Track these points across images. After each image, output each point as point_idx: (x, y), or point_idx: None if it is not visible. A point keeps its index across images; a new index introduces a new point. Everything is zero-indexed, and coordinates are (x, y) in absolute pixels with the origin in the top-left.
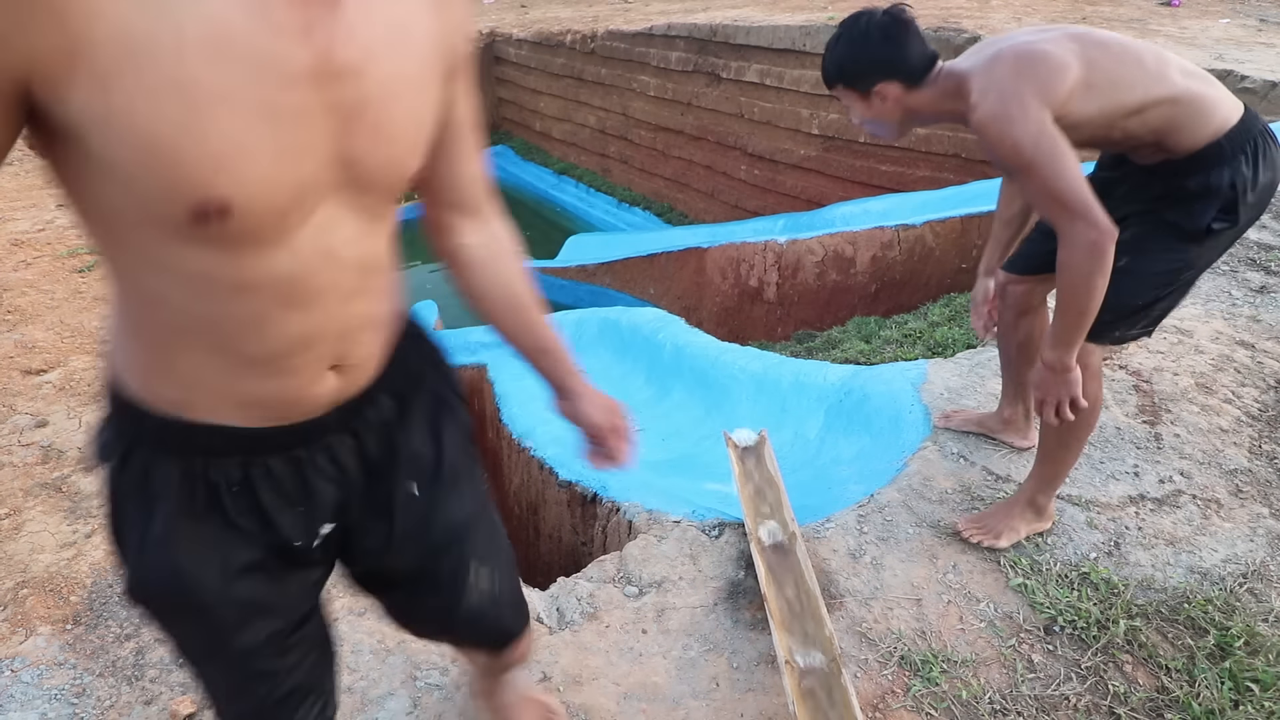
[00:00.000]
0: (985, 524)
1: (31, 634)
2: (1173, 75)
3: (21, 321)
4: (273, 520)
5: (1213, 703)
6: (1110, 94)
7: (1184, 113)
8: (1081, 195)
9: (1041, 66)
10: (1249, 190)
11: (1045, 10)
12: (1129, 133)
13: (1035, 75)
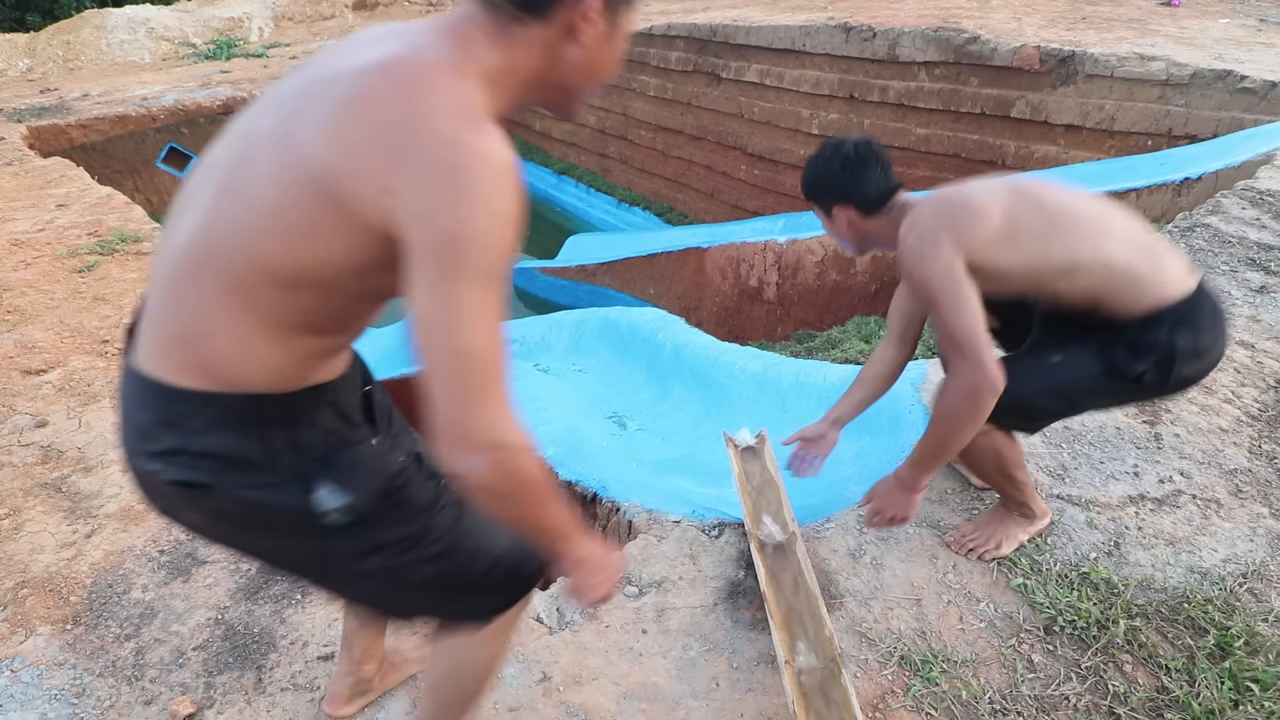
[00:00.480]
0: (979, 534)
1: (31, 634)
2: (1110, 245)
3: (21, 321)
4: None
5: (1213, 703)
6: (1033, 249)
7: (1118, 285)
8: (973, 338)
9: (961, 212)
10: (1183, 361)
11: (1045, 10)
12: (1059, 294)
13: (953, 219)
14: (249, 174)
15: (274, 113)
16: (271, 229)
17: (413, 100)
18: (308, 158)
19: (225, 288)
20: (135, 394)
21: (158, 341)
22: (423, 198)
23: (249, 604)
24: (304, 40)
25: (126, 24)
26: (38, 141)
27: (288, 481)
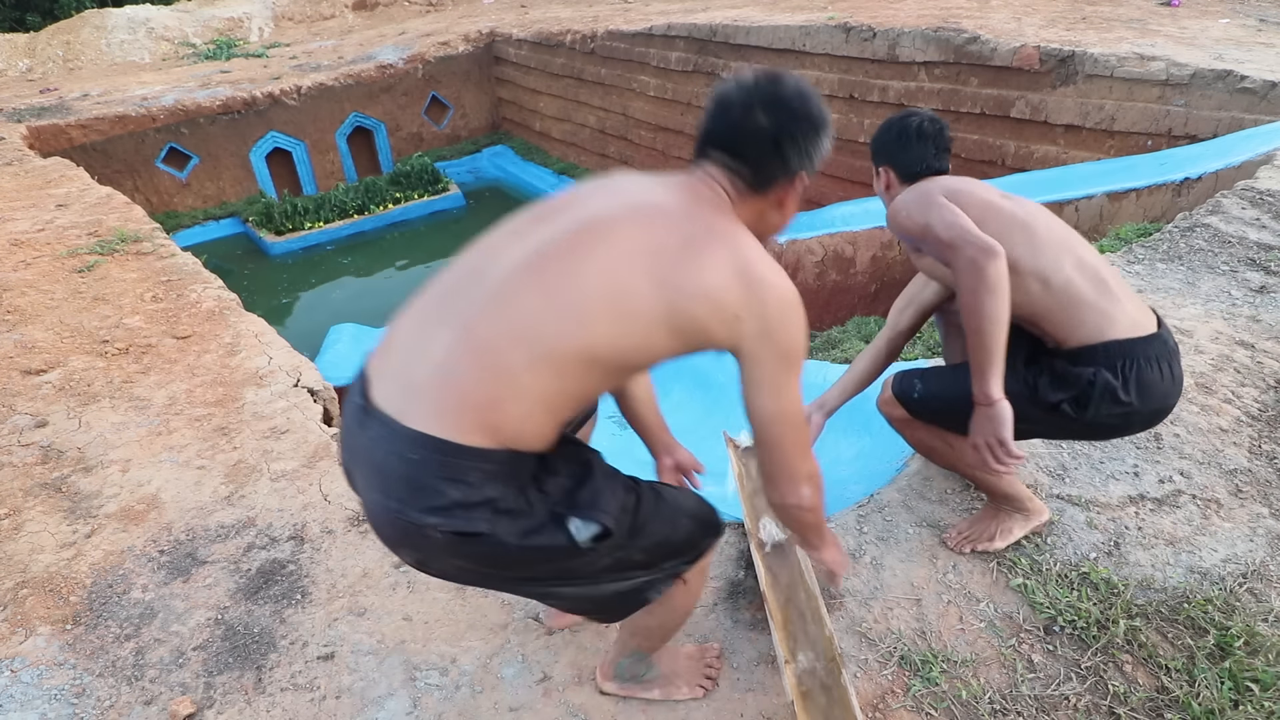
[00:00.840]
0: (974, 529)
1: (31, 634)
2: (1062, 261)
3: (21, 321)
4: None
5: (1212, 703)
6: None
7: (1056, 303)
8: (958, 226)
9: (951, 185)
10: (1106, 399)
11: (1045, 10)
12: None
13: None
14: (582, 286)
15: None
16: (613, 323)
17: (747, 256)
18: (672, 285)
19: (536, 360)
20: (402, 449)
21: (443, 402)
22: (766, 324)
23: (249, 604)
24: (304, 40)
25: (126, 24)
26: (38, 141)
27: (546, 523)
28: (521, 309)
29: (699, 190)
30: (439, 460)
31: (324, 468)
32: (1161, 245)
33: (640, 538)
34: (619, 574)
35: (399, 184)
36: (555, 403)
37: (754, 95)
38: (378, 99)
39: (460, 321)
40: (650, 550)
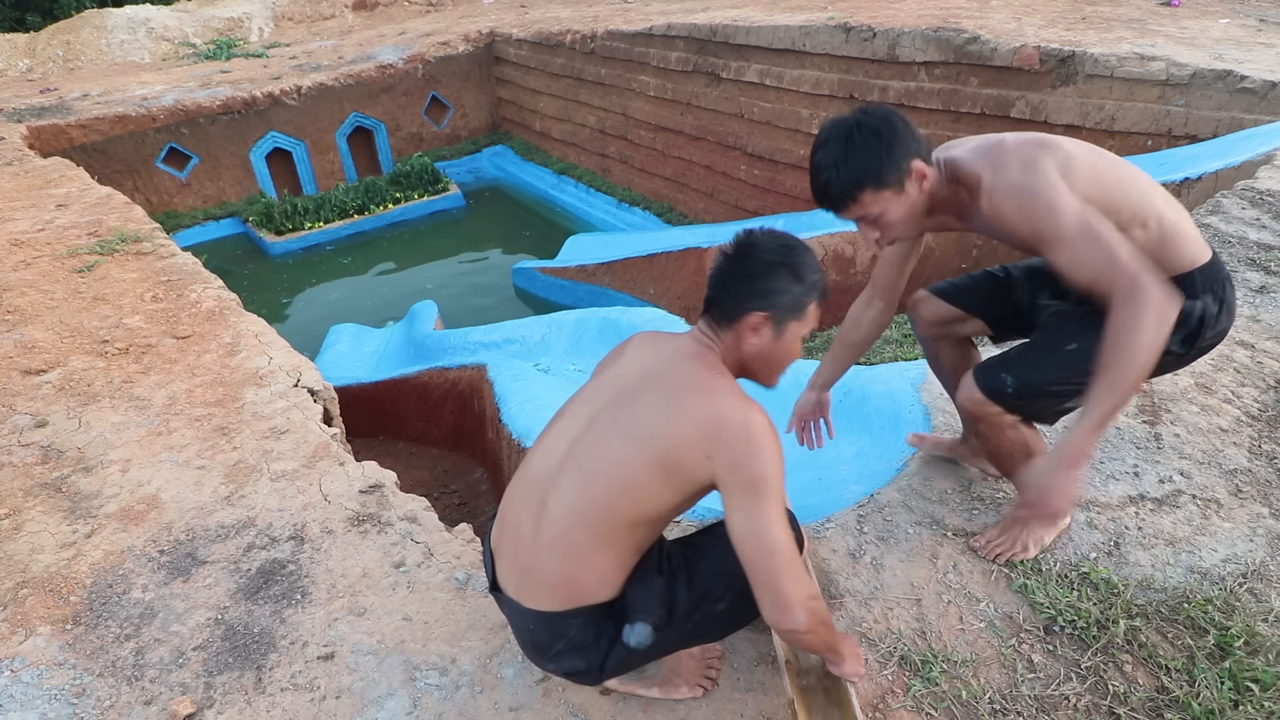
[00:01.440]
0: (1005, 538)
1: (31, 634)
2: (1158, 201)
3: (21, 321)
4: None
5: (1212, 703)
6: (1115, 193)
7: (1161, 239)
8: (1134, 262)
9: (1051, 146)
10: (1208, 328)
11: (1045, 10)
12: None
13: (1049, 151)
14: (602, 457)
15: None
16: (626, 493)
17: (712, 400)
18: (654, 442)
19: (596, 538)
20: (525, 623)
21: (542, 584)
22: (731, 457)
23: (249, 604)
24: (304, 40)
25: (126, 24)
26: (38, 141)
27: (609, 647)
28: (572, 496)
29: (687, 347)
30: (547, 626)
31: (324, 468)
32: None
33: (712, 598)
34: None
35: (399, 184)
36: (622, 563)
37: (732, 247)
38: (378, 99)
39: (541, 508)
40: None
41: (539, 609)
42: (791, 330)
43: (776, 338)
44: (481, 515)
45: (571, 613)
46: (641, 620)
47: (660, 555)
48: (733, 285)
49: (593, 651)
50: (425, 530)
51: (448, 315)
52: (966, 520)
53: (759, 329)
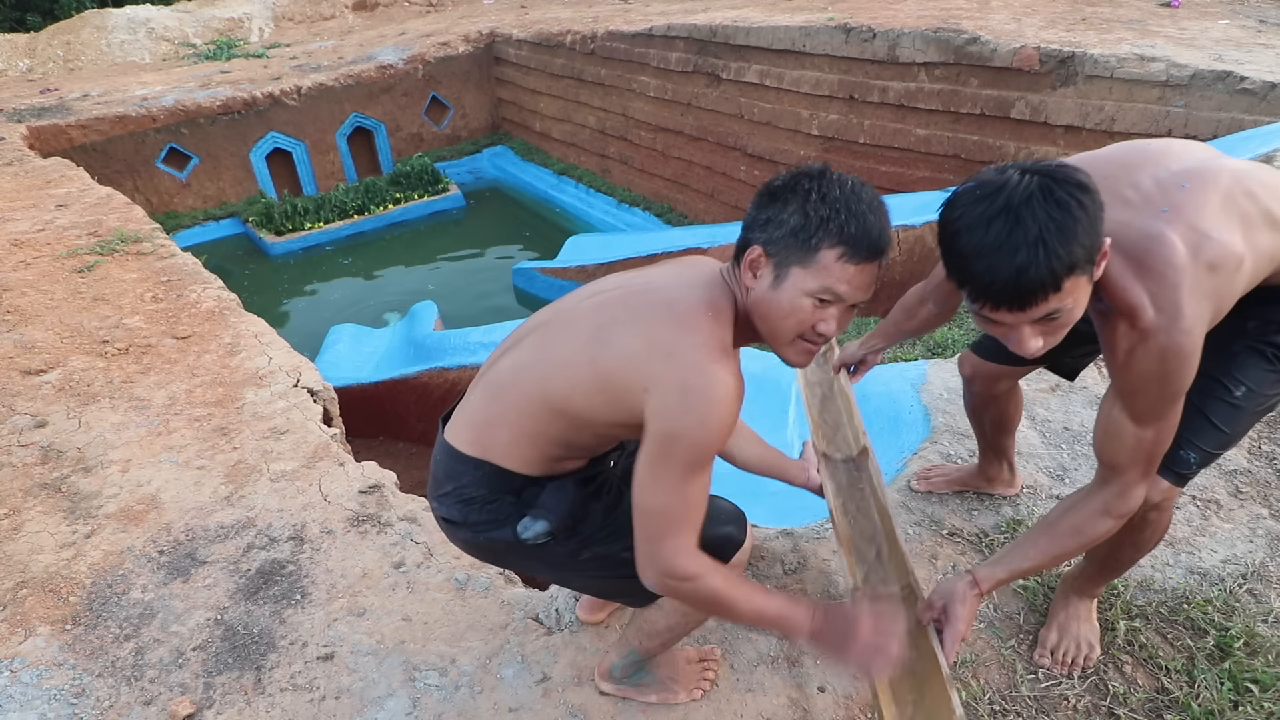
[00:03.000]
0: (1065, 642)
1: (31, 634)
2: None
3: (21, 321)
4: None
5: (1212, 703)
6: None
7: None
8: (1160, 456)
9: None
10: None
11: (1045, 11)
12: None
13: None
14: (563, 338)
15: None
16: (565, 378)
17: (679, 338)
18: (609, 349)
19: (521, 403)
20: (438, 454)
21: (464, 422)
22: (661, 403)
23: (248, 604)
24: (304, 40)
25: (126, 24)
26: (38, 142)
27: (504, 521)
28: (523, 359)
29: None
30: (449, 462)
31: (323, 468)
32: None
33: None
34: (609, 571)
35: (399, 184)
36: (537, 443)
37: None
38: (378, 99)
39: (497, 359)
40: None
41: (452, 443)
42: (795, 279)
43: (776, 284)
44: None
45: (475, 462)
46: (542, 518)
47: (597, 480)
48: (745, 218)
49: (477, 513)
50: (425, 530)
51: (448, 315)
52: (965, 521)
53: (757, 267)
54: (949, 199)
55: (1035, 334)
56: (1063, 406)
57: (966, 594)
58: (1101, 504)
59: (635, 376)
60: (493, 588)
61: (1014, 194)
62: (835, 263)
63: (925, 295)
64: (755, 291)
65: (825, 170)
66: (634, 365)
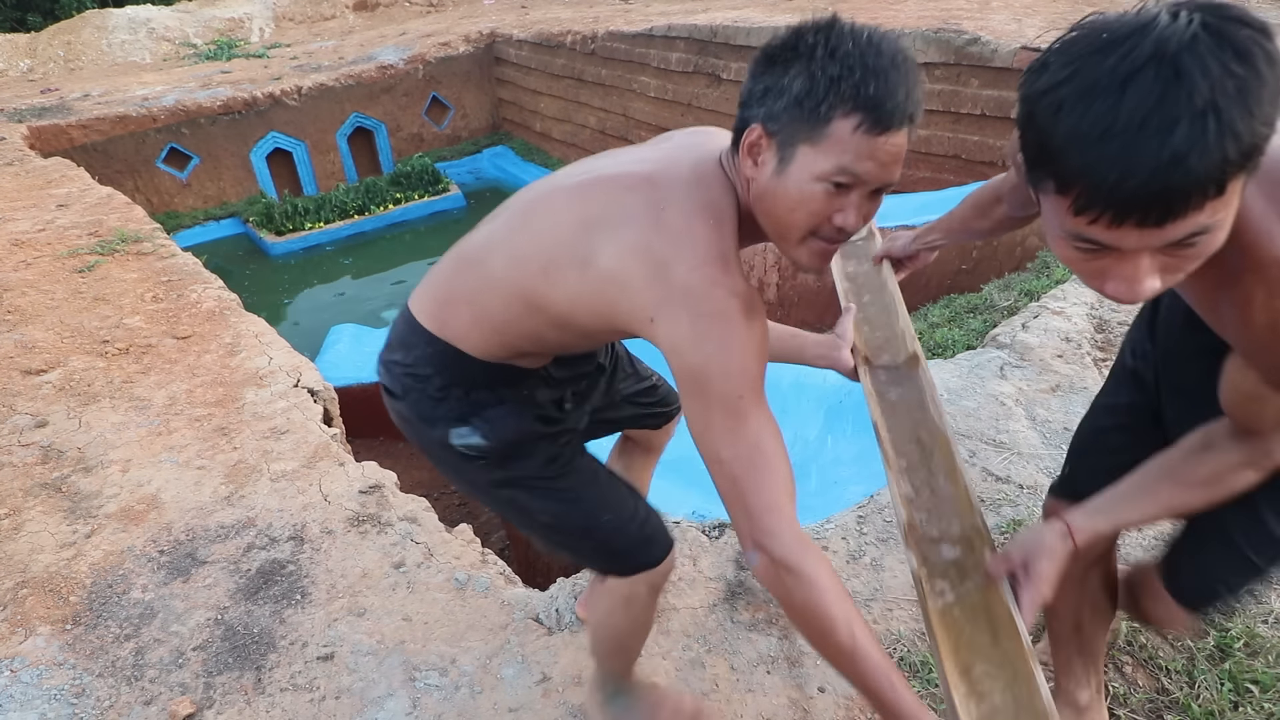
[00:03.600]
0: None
1: (31, 634)
2: None
3: (21, 321)
4: None
5: (1212, 704)
6: None
7: None
8: None
9: None
10: None
11: (1046, 12)
12: None
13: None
14: (545, 224)
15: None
16: (542, 278)
17: (676, 245)
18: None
19: (488, 283)
20: (397, 319)
21: (427, 294)
22: (674, 335)
23: (249, 604)
24: (304, 40)
25: (127, 24)
26: (38, 141)
27: (444, 418)
28: (494, 240)
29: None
30: (404, 329)
31: (324, 468)
32: None
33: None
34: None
35: (399, 184)
36: (499, 327)
37: None
38: (378, 99)
39: (466, 244)
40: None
41: (413, 310)
42: (802, 160)
43: (780, 169)
44: (481, 515)
45: (430, 337)
46: (480, 433)
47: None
48: (741, 93)
49: (418, 395)
50: (425, 530)
51: None
52: None
53: (757, 151)
54: (1041, 59)
55: (1155, 268)
56: (1063, 407)
57: (1057, 547)
58: (1245, 456)
59: (636, 301)
60: (493, 588)
61: (1166, 38)
62: (852, 135)
63: (1000, 192)
64: (758, 182)
65: (834, 20)
66: (632, 286)
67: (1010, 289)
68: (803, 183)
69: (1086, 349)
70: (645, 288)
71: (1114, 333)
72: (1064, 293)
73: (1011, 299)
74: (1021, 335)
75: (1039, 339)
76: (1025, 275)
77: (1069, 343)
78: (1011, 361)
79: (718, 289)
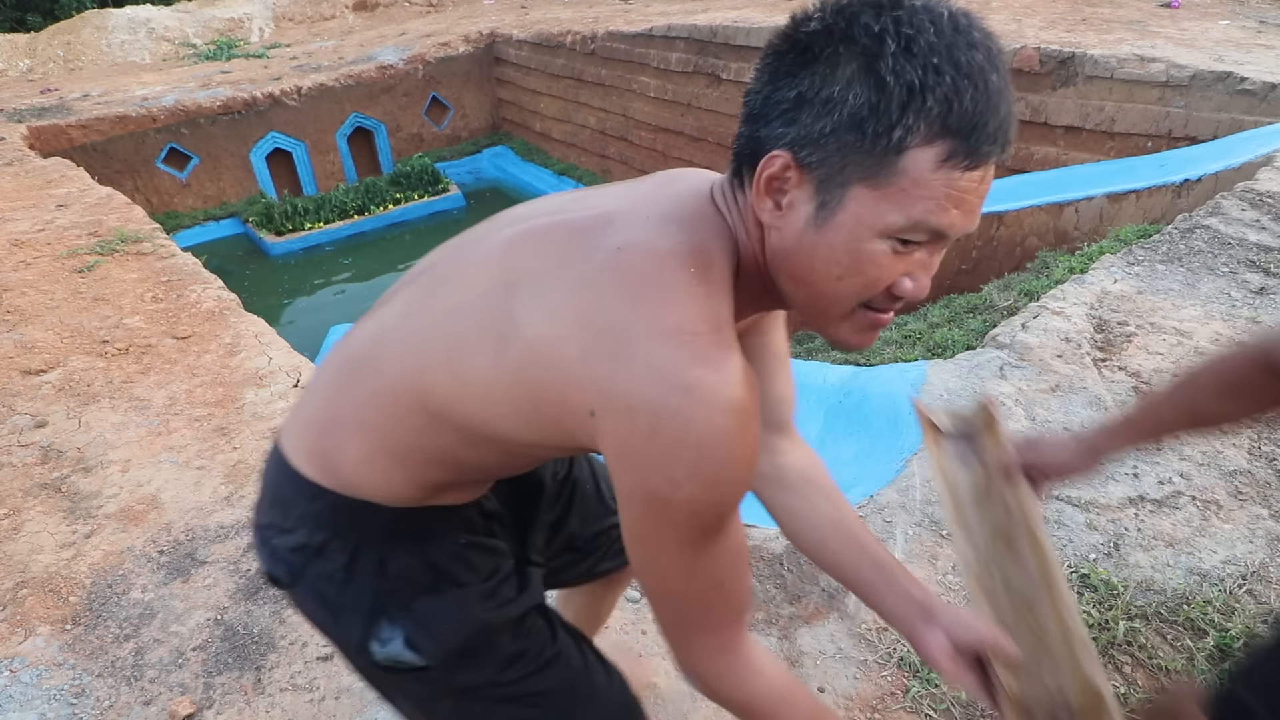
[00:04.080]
0: None
1: (30, 634)
2: None
3: (21, 321)
4: None
5: None
6: None
7: None
8: None
9: None
10: None
11: (1045, 12)
12: None
13: None
14: (451, 296)
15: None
16: (448, 372)
17: (636, 301)
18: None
19: (378, 394)
20: (268, 463)
21: (302, 420)
22: (622, 439)
23: (248, 604)
24: (304, 41)
25: (127, 24)
26: (38, 142)
27: (355, 609)
28: (384, 331)
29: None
30: (275, 477)
31: None
32: (1161, 247)
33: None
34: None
35: (399, 185)
36: (400, 453)
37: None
38: (378, 99)
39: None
40: None
41: (285, 448)
42: (859, 204)
43: (822, 217)
44: None
45: (311, 488)
46: (406, 636)
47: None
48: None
49: (309, 574)
50: None
51: None
52: None
53: (782, 189)
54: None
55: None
56: (1062, 407)
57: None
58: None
59: (571, 386)
60: None
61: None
62: (936, 171)
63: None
64: (782, 233)
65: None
66: (565, 363)
67: (1010, 289)
68: (858, 239)
69: (1086, 349)
70: (584, 365)
71: (1114, 333)
72: (1064, 293)
73: (1011, 299)
74: (1021, 335)
75: (1039, 339)
76: (1025, 275)
77: (1069, 343)
78: (1011, 362)
79: (696, 375)
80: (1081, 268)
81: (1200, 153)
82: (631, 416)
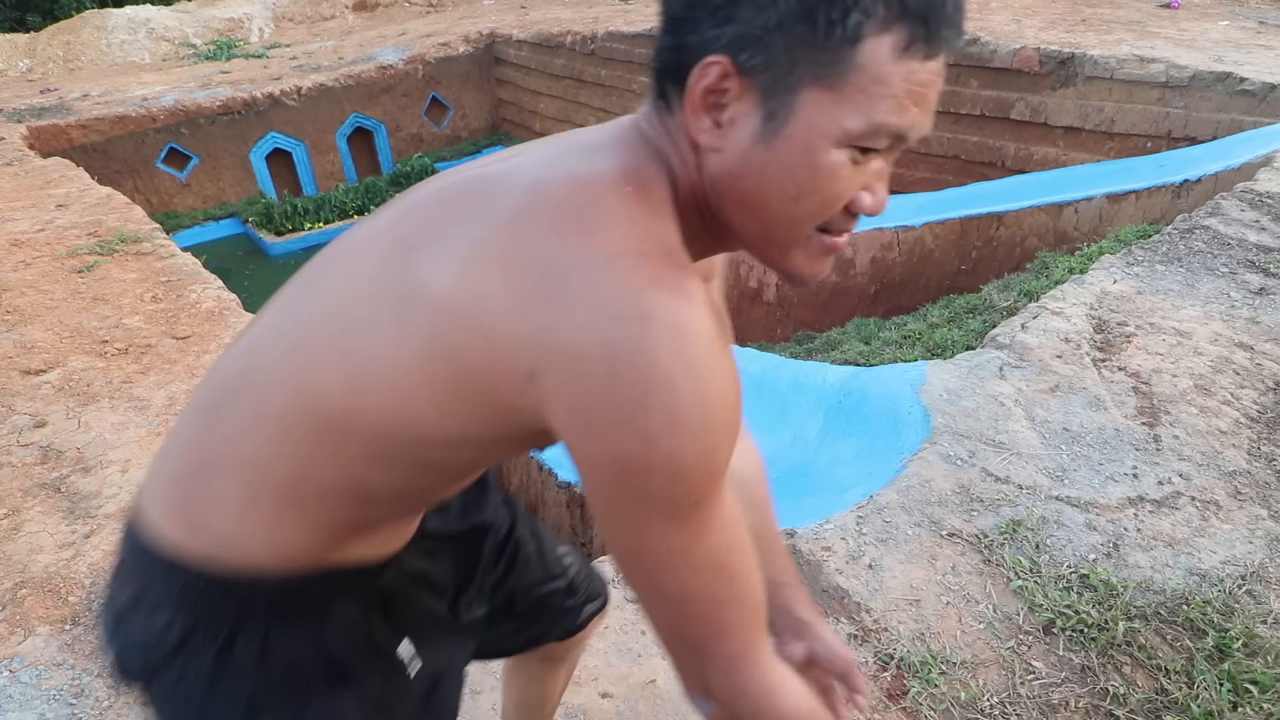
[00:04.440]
0: None
1: (30, 634)
2: None
3: (21, 321)
4: None
5: (1211, 704)
6: None
7: None
8: None
9: None
10: None
11: (1045, 12)
12: None
13: None
14: (339, 279)
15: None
16: (342, 358)
17: (566, 234)
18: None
19: (257, 420)
20: (123, 535)
21: (161, 475)
22: (576, 397)
23: None
24: (304, 41)
25: (127, 24)
26: (38, 142)
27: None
28: (260, 344)
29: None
30: (127, 554)
31: None
32: (1161, 247)
33: None
34: None
35: (399, 185)
36: (294, 489)
37: None
38: (378, 100)
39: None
40: None
41: (140, 513)
42: (811, 110)
43: (770, 130)
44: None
45: (169, 557)
46: None
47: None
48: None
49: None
50: None
51: None
52: (965, 522)
53: (720, 102)
54: None
55: None
56: (1062, 407)
57: None
58: None
59: (499, 348)
60: None
61: None
62: (896, 62)
63: None
64: (725, 153)
65: None
66: (488, 322)
67: (1010, 289)
68: (814, 151)
69: (1085, 349)
70: (514, 317)
71: (1113, 333)
72: (1063, 293)
73: (1011, 299)
74: (1021, 336)
75: (1038, 339)
76: (1025, 276)
77: (1068, 343)
78: (1011, 362)
79: (653, 300)
80: (1081, 268)
81: (1200, 153)
82: (581, 367)
